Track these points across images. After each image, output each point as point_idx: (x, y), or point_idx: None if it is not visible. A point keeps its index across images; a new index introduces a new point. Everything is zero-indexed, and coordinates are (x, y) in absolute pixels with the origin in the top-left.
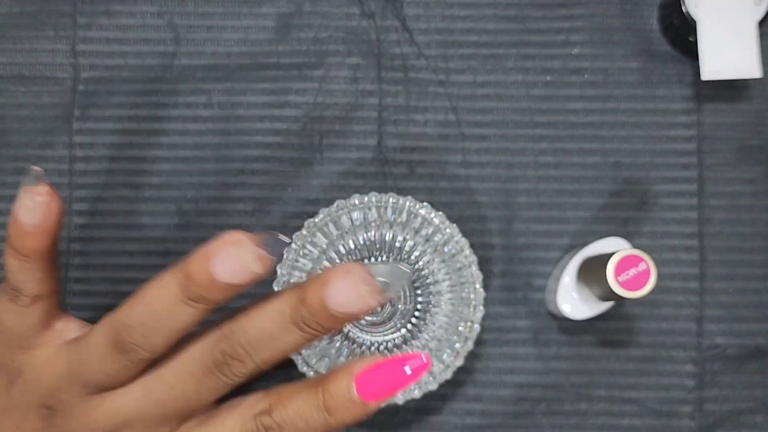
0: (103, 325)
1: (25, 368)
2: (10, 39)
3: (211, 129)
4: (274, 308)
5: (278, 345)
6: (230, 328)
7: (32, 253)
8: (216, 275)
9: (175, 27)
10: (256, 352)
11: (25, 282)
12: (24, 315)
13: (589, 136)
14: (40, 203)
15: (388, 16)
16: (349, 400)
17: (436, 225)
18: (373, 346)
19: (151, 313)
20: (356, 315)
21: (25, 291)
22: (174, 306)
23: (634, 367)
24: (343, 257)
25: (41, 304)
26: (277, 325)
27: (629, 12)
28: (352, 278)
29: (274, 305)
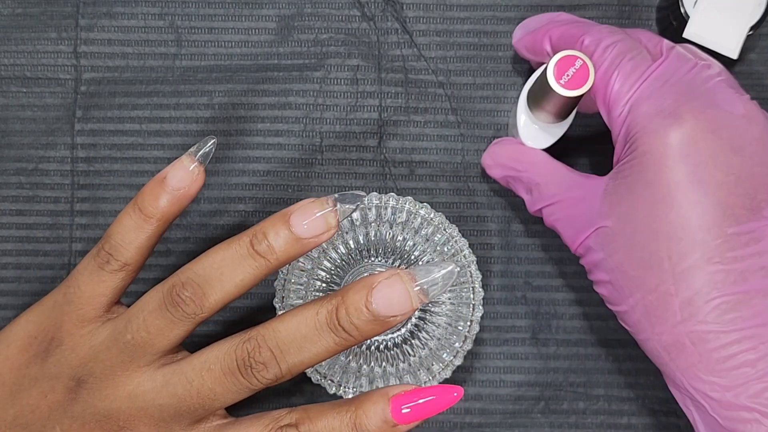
0: (157, 287)
1: (67, 339)
2: (12, 40)
3: (212, 130)
4: (311, 310)
5: (308, 348)
6: (259, 330)
7: (159, 215)
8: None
9: (176, 28)
10: (283, 355)
11: (128, 244)
12: (104, 280)
13: (589, 136)
14: (193, 171)
15: (388, 17)
16: (383, 421)
17: (435, 225)
18: (374, 345)
19: (212, 263)
20: (399, 319)
21: (121, 254)
22: (239, 257)
23: (632, 367)
24: (344, 257)
25: (124, 275)
26: (310, 327)
27: (628, 13)
28: (401, 280)
29: (311, 307)
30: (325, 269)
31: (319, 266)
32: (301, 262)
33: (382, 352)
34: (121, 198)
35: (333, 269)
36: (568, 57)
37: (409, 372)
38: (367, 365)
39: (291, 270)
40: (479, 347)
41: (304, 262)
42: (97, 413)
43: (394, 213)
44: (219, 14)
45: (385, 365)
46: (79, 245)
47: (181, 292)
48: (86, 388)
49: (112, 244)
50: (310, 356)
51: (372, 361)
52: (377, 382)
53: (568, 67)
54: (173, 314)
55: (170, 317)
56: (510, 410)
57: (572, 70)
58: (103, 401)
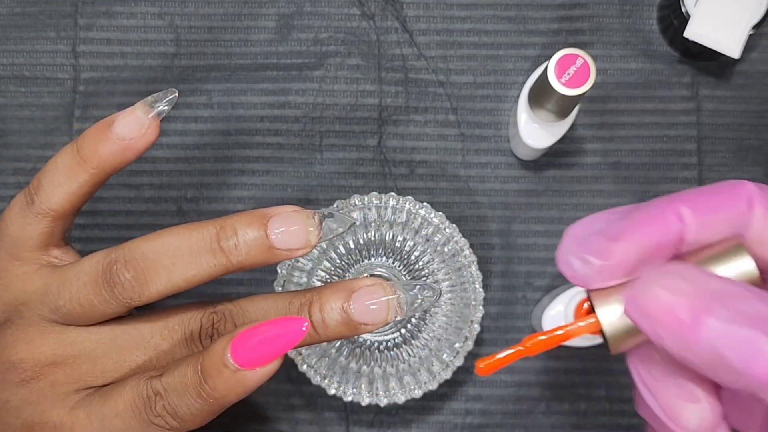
0: (100, 253)
1: (3, 275)
2: (11, 40)
3: (212, 129)
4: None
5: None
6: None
7: (95, 162)
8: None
9: (175, 28)
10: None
11: (55, 186)
12: (29, 223)
13: (589, 137)
14: (145, 123)
15: (388, 17)
16: (222, 364)
17: (435, 225)
18: (374, 345)
19: (167, 248)
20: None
21: (45, 198)
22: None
23: None
24: (343, 257)
25: (49, 221)
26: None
27: (628, 13)
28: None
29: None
30: (325, 269)
31: (319, 266)
32: (302, 262)
33: (383, 352)
34: (119, 198)
35: (333, 269)
36: (569, 56)
37: (410, 372)
38: (367, 366)
39: (291, 270)
40: (480, 347)
41: (304, 262)
42: (6, 361)
43: (394, 213)
44: (218, 13)
45: (385, 366)
46: (77, 245)
47: (122, 273)
48: (11, 330)
49: (41, 184)
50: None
51: (372, 361)
52: (377, 383)
53: (569, 65)
54: (107, 294)
55: (104, 297)
56: (511, 411)
57: (573, 69)
58: (26, 345)
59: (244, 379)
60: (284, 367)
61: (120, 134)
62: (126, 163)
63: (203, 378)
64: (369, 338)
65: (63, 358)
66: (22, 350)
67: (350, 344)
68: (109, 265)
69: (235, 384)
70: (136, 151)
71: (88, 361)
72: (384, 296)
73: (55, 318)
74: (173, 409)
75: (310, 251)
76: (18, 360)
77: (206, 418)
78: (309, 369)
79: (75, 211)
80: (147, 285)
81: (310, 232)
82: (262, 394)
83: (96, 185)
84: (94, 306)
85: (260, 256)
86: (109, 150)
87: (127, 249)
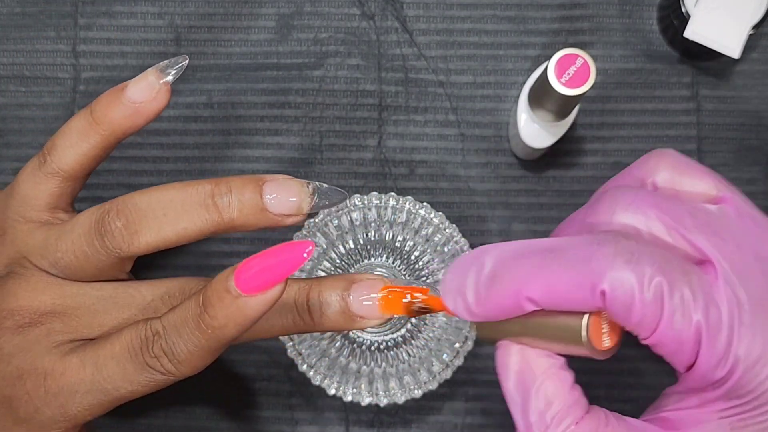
0: (94, 208)
1: (9, 230)
2: (11, 39)
3: (211, 129)
4: (199, 183)
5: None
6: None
7: (107, 124)
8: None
9: (175, 27)
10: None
11: (67, 147)
12: (40, 182)
13: (589, 137)
14: (157, 87)
15: (388, 16)
16: (224, 290)
17: (435, 225)
18: (374, 345)
19: (160, 200)
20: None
21: (57, 158)
22: (192, 203)
23: (633, 367)
24: (343, 257)
25: (59, 181)
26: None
27: (628, 12)
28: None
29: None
30: (325, 269)
31: (319, 266)
32: None
33: (383, 352)
34: None
35: (333, 269)
36: (569, 55)
37: (410, 372)
38: (367, 366)
39: None
40: (480, 348)
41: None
42: (5, 308)
43: (394, 213)
44: (218, 13)
45: (385, 366)
46: None
47: (113, 221)
48: (12, 278)
49: (54, 144)
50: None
51: (372, 362)
52: (377, 383)
53: (569, 65)
54: (99, 244)
55: (96, 247)
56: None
57: (573, 69)
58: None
59: (245, 306)
60: (284, 367)
61: (131, 98)
62: (136, 128)
63: (204, 308)
64: (369, 338)
65: (62, 309)
66: (22, 298)
67: (350, 344)
68: (101, 215)
69: (235, 311)
70: (146, 116)
71: (87, 315)
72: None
73: (54, 272)
74: (170, 349)
75: (300, 220)
76: (17, 307)
77: (202, 359)
78: (309, 369)
79: (85, 174)
80: (137, 234)
81: (303, 200)
82: (263, 394)
83: (106, 148)
84: (88, 257)
85: (252, 216)
86: (121, 113)
87: (121, 200)
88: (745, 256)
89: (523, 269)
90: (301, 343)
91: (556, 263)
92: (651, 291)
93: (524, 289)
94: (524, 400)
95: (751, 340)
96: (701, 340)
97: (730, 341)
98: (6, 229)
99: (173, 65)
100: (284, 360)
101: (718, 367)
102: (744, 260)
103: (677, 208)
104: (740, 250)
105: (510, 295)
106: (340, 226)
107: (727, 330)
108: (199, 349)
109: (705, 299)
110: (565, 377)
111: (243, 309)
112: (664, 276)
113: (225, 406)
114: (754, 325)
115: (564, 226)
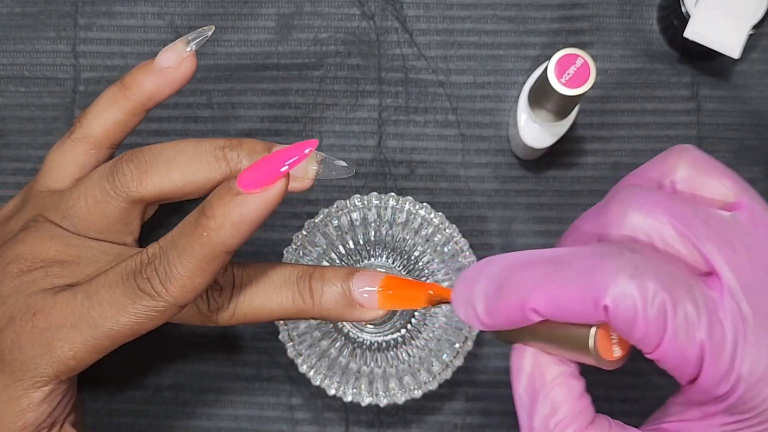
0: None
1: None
2: (11, 39)
3: (211, 129)
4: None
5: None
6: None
7: (137, 89)
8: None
9: (175, 28)
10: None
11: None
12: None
13: (589, 137)
14: (185, 55)
15: (388, 17)
16: (225, 189)
17: (435, 225)
18: (374, 345)
19: (172, 147)
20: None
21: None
22: (203, 151)
23: (633, 367)
24: (343, 257)
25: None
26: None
27: (628, 12)
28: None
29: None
30: None
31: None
32: (302, 262)
33: (383, 352)
34: None
35: None
36: (569, 56)
37: (409, 372)
38: (367, 366)
39: None
40: (479, 348)
41: (304, 262)
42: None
43: (394, 213)
44: (218, 13)
45: (385, 366)
46: None
47: (126, 164)
48: (23, 233)
49: (86, 113)
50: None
51: (372, 362)
52: (377, 383)
53: (569, 65)
54: (109, 185)
55: (106, 189)
56: (511, 411)
57: (573, 69)
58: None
59: (243, 203)
60: (284, 367)
61: (160, 62)
62: (163, 95)
63: (202, 210)
64: (369, 338)
65: (65, 257)
66: (28, 245)
67: (350, 344)
68: (115, 160)
69: (233, 209)
70: (173, 82)
71: (88, 264)
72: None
73: (65, 224)
74: (163, 268)
75: (307, 186)
76: (22, 252)
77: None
78: (309, 369)
79: (111, 143)
80: (146, 174)
81: (311, 167)
82: (263, 394)
83: (134, 115)
84: (98, 201)
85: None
86: (150, 79)
87: (136, 149)
88: (755, 268)
89: (527, 280)
90: (302, 343)
91: (559, 275)
92: (654, 308)
93: (529, 300)
94: (532, 404)
95: (756, 358)
96: (704, 357)
97: (734, 359)
98: (29, 198)
99: (199, 35)
100: (284, 360)
101: (721, 383)
102: (754, 273)
103: (690, 214)
104: (751, 261)
105: (516, 306)
106: (339, 226)
107: (731, 348)
108: (193, 260)
109: (709, 316)
110: (574, 386)
111: (241, 206)
112: (667, 292)
113: (225, 407)
114: (758, 341)
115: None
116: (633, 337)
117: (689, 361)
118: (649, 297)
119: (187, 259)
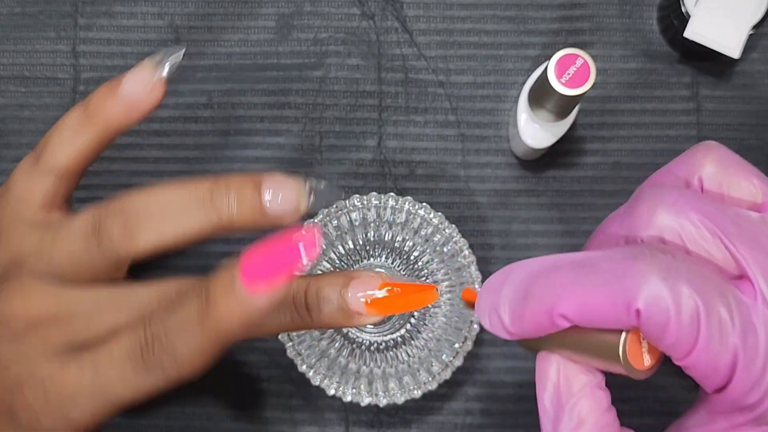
0: (92, 207)
1: (3, 233)
2: (11, 40)
3: (211, 129)
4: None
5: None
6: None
7: (101, 119)
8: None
9: (175, 28)
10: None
11: (61, 144)
12: (34, 181)
13: (589, 137)
14: (153, 81)
15: (388, 16)
16: (229, 287)
17: (435, 225)
18: (373, 345)
19: (158, 199)
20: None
21: (51, 155)
22: (191, 201)
23: None
24: (343, 257)
25: (54, 179)
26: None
27: (628, 12)
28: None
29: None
30: (325, 270)
31: (319, 266)
32: None
33: (382, 352)
34: None
35: (332, 270)
36: (569, 55)
37: (409, 373)
38: (366, 366)
39: None
40: (479, 348)
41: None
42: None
43: (394, 213)
44: (218, 13)
45: (384, 366)
46: None
47: (110, 223)
48: (4, 286)
49: (48, 142)
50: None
51: (371, 362)
52: (377, 383)
53: (569, 65)
54: (96, 245)
55: (92, 250)
56: (511, 411)
57: (573, 69)
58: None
59: (250, 304)
60: (284, 367)
61: (126, 91)
62: (131, 123)
63: (206, 306)
64: (369, 338)
65: (57, 314)
66: (17, 306)
67: (350, 344)
68: (98, 216)
69: (240, 310)
70: (141, 111)
71: (83, 318)
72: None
73: (50, 275)
74: (171, 350)
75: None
76: (12, 315)
77: (204, 359)
78: (309, 369)
79: (79, 171)
80: (135, 236)
81: (301, 199)
82: (263, 394)
83: (101, 144)
84: (84, 259)
85: (251, 216)
86: (116, 108)
87: (119, 201)
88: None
89: (555, 286)
90: (301, 343)
91: (589, 279)
92: (687, 313)
93: (557, 306)
94: (557, 414)
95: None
96: (737, 365)
97: (766, 367)
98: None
99: (169, 56)
100: (284, 360)
101: (752, 392)
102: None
103: (720, 214)
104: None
105: (544, 312)
106: (339, 226)
107: (764, 354)
108: (201, 348)
109: (743, 322)
110: (601, 398)
111: (248, 307)
112: (701, 296)
113: (225, 407)
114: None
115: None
116: (664, 343)
117: (721, 368)
118: (683, 301)
119: (194, 346)
